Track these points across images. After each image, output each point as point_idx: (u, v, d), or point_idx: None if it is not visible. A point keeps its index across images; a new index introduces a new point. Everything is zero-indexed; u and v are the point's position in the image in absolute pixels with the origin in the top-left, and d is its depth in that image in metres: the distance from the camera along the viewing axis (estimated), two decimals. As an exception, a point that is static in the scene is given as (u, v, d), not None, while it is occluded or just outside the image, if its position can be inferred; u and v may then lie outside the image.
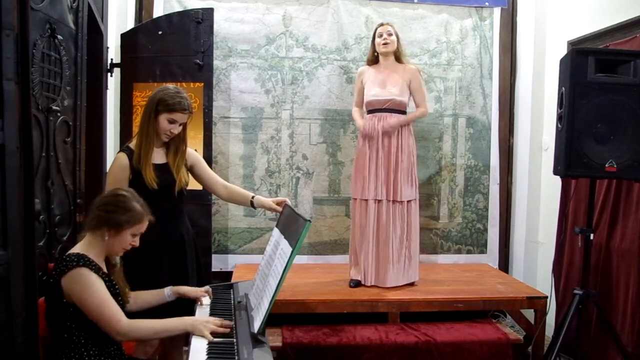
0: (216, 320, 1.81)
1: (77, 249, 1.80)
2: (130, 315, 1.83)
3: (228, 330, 1.78)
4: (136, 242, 1.87)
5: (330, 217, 3.87)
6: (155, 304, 2.05)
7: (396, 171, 3.19)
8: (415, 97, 3.29)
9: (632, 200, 2.82)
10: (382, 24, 3.27)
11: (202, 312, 2.02)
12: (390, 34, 3.22)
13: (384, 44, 3.21)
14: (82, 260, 1.73)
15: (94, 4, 2.51)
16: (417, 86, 3.27)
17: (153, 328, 1.78)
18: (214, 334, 1.75)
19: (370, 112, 3.27)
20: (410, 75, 3.25)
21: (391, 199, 3.18)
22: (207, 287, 2.17)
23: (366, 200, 3.20)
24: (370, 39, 3.37)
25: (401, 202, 3.20)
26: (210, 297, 2.13)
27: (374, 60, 3.34)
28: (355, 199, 3.28)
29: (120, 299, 1.84)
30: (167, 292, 2.06)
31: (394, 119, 3.18)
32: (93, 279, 1.72)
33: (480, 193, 4.01)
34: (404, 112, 3.25)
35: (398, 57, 3.29)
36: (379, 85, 3.22)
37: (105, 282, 1.77)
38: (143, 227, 1.86)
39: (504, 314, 3.62)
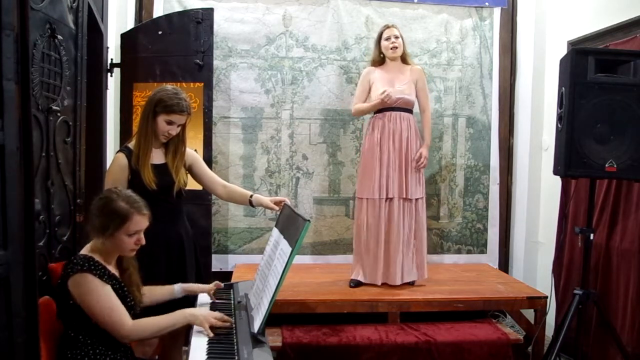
0: (217, 314, 1.83)
1: (85, 249, 1.80)
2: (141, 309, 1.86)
3: (228, 324, 1.80)
4: (140, 240, 1.82)
5: (330, 217, 3.87)
6: (164, 300, 2.06)
7: (406, 169, 3.21)
8: (420, 98, 3.34)
9: (632, 200, 2.82)
10: (387, 26, 3.29)
11: (202, 311, 2.02)
12: (397, 37, 3.25)
13: (393, 47, 3.24)
14: (87, 264, 1.72)
15: (94, 4, 2.51)
16: (422, 86, 3.34)
17: (157, 325, 1.78)
18: (214, 329, 1.77)
19: (378, 111, 3.27)
20: (417, 75, 3.31)
21: (402, 197, 3.20)
22: (215, 282, 2.18)
23: (374, 199, 3.21)
24: (372, 39, 3.38)
25: (410, 199, 3.22)
26: (213, 303, 2.13)
27: (379, 61, 3.35)
28: (362, 198, 3.27)
29: (129, 299, 1.82)
30: (177, 289, 2.09)
31: (425, 149, 3.24)
32: (96, 284, 1.70)
33: (480, 193, 4.01)
34: (411, 111, 3.29)
35: (404, 58, 3.33)
36: (388, 84, 3.23)
37: (113, 284, 1.76)
38: (137, 225, 1.78)
39: (504, 314, 3.62)
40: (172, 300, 2.08)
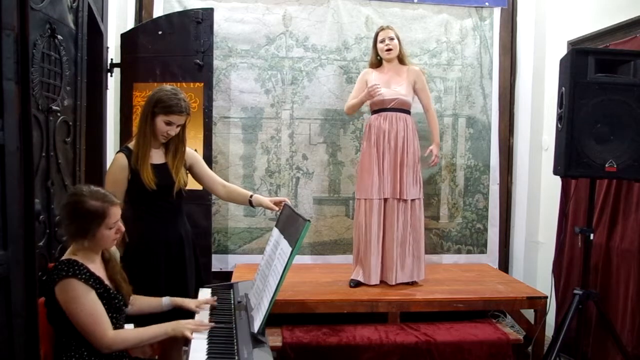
0: (196, 320, 1.86)
1: (68, 254, 1.77)
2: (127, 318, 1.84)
3: (208, 328, 1.81)
4: (120, 228, 1.80)
5: (330, 217, 3.87)
6: (151, 312, 2.04)
7: (402, 170, 3.20)
8: (421, 98, 3.33)
9: (632, 200, 2.82)
10: (382, 28, 3.29)
11: (202, 312, 2.02)
12: (392, 39, 3.24)
13: (387, 50, 3.24)
14: (72, 269, 1.69)
15: (94, 4, 2.51)
16: (422, 86, 3.32)
17: (137, 337, 1.78)
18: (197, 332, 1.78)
19: (375, 112, 3.27)
20: (415, 76, 3.29)
21: (397, 198, 3.19)
22: (206, 298, 2.15)
23: (372, 199, 3.20)
24: (371, 40, 3.38)
25: (406, 200, 3.21)
26: (213, 305, 2.11)
27: (377, 63, 3.36)
28: (360, 199, 3.27)
29: (117, 301, 1.81)
30: (165, 302, 2.05)
31: (435, 147, 3.28)
32: (82, 291, 1.68)
33: (480, 193, 4.01)
34: (408, 112, 3.28)
35: (401, 58, 3.32)
36: (384, 85, 3.23)
37: (98, 288, 1.74)
38: (114, 216, 1.77)
39: (504, 314, 3.62)
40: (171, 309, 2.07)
